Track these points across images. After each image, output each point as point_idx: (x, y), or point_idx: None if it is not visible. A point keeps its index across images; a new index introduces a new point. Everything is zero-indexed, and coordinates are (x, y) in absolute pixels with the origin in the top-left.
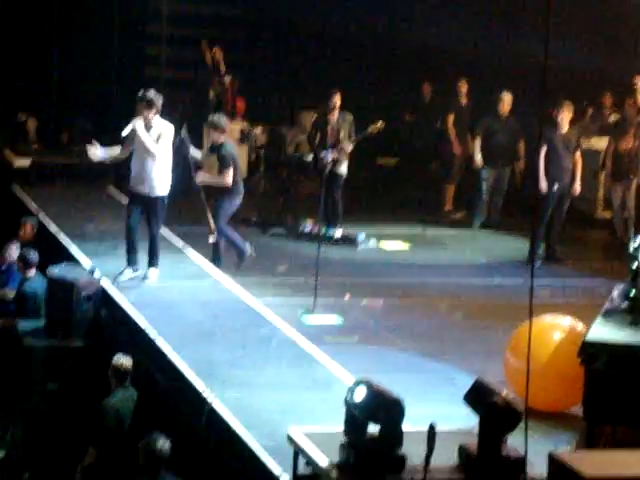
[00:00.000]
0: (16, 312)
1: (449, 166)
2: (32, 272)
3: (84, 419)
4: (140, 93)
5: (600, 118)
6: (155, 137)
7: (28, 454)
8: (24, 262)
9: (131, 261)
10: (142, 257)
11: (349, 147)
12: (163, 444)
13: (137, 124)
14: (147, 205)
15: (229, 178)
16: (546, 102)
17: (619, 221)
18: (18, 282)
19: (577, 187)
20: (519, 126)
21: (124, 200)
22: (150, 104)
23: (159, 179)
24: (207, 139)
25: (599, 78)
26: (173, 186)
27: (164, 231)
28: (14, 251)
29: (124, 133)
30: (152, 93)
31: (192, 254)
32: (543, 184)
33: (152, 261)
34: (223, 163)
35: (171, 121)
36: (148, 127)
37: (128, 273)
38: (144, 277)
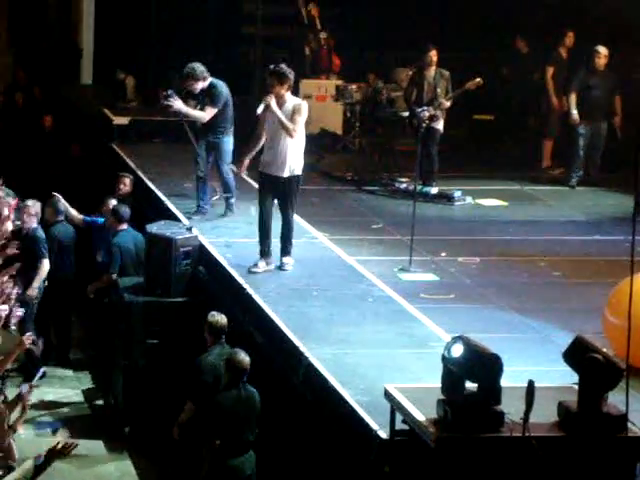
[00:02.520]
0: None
1: (547, 121)
2: (123, 227)
3: (182, 375)
4: (271, 67)
5: None
6: (289, 114)
7: (129, 408)
8: (116, 216)
9: (265, 253)
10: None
11: (446, 104)
12: (244, 357)
13: (271, 102)
14: (282, 188)
15: (208, 116)
16: None
17: None
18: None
19: None
20: (617, 80)
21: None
22: (282, 79)
23: (296, 158)
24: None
25: None
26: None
27: (252, 181)
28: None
29: (259, 111)
30: (284, 67)
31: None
32: None
33: (286, 248)
34: (213, 100)
35: None
36: (281, 104)
37: (262, 265)
38: (280, 266)
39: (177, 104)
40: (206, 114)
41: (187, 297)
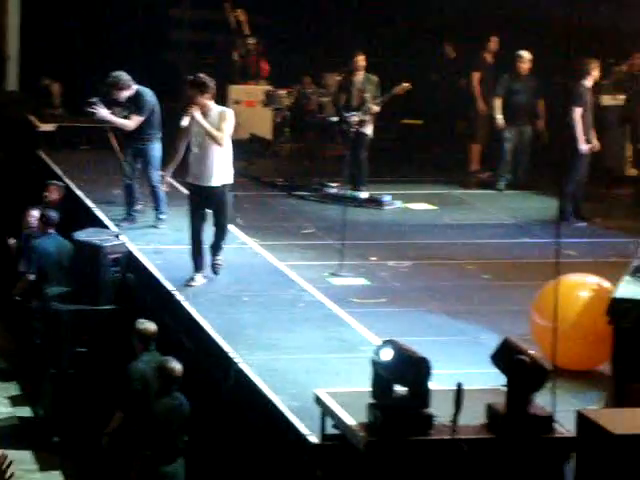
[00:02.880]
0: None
1: (474, 125)
2: (50, 230)
3: (112, 383)
4: (191, 77)
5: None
6: (216, 123)
7: (57, 417)
8: (42, 220)
9: (199, 266)
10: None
11: (375, 108)
12: (176, 365)
13: (196, 113)
14: (214, 198)
15: (133, 124)
16: (571, 59)
17: None
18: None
19: (597, 143)
20: (539, 85)
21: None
22: (203, 88)
23: (226, 167)
24: None
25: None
26: None
27: (180, 186)
28: (35, 217)
29: (183, 124)
30: (204, 77)
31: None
32: (584, 146)
33: (219, 250)
34: (139, 108)
35: None
36: (205, 113)
37: (199, 279)
38: (213, 266)
39: (101, 112)
40: (131, 122)
41: (116, 305)
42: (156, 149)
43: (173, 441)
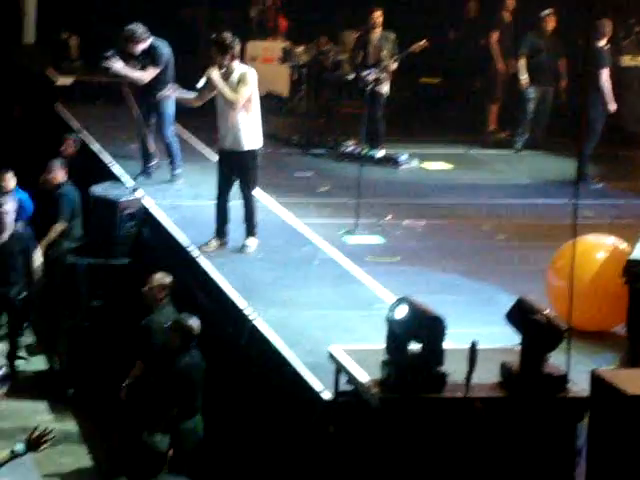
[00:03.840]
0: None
1: (493, 84)
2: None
3: (127, 336)
4: (213, 36)
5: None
6: (235, 84)
7: (72, 370)
8: (66, 172)
9: (221, 232)
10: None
11: (392, 66)
12: (195, 321)
13: (213, 73)
14: (239, 163)
15: (149, 77)
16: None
17: None
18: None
19: (614, 105)
20: (562, 44)
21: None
22: (224, 49)
23: (250, 131)
24: None
25: None
26: None
27: (197, 143)
28: (60, 170)
29: (199, 85)
30: (226, 36)
31: None
32: (613, 106)
33: (250, 229)
34: (155, 60)
35: None
36: (227, 75)
37: (214, 243)
38: (242, 248)
39: (116, 66)
40: (147, 74)
41: (131, 259)
42: (170, 104)
43: (193, 397)
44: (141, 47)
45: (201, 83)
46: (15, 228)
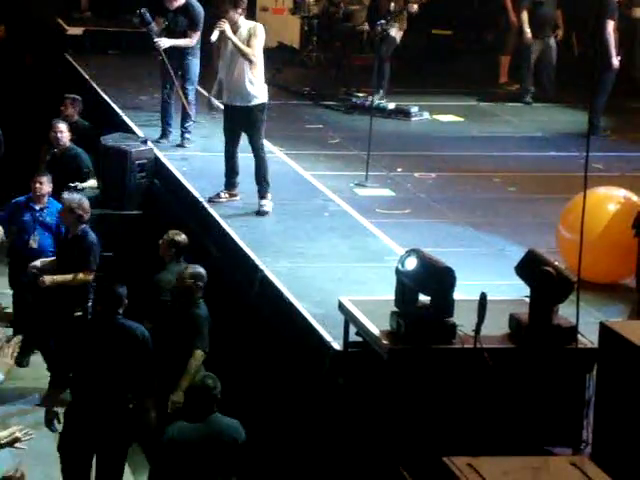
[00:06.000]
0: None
1: (505, 37)
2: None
3: (135, 287)
4: None
5: None
6: (245, 39)
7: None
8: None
9: (230, 184)
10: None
11: (414, 6)
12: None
13: (225, 27)
14: (247, 118)
15: (195, 41)
16: None
17: None
18: None
19: (616, 60)
20: None
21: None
22: (236, 3)
23: (258, 85)
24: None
25: None
26: None
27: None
28: (65, 132)
29: (213, 38)
30: None
31: None
32: (616, 61)
33: (262, 189)
34: (195, 22)
35: None
36: (235, 29)
37: (223, 196)
38: (259, 211)
39: (164, 42)
40: (192, 40)
41: (142, 210)
42: (196, 64)
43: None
44: (177, 3)
45: (215, 36)
46: None
